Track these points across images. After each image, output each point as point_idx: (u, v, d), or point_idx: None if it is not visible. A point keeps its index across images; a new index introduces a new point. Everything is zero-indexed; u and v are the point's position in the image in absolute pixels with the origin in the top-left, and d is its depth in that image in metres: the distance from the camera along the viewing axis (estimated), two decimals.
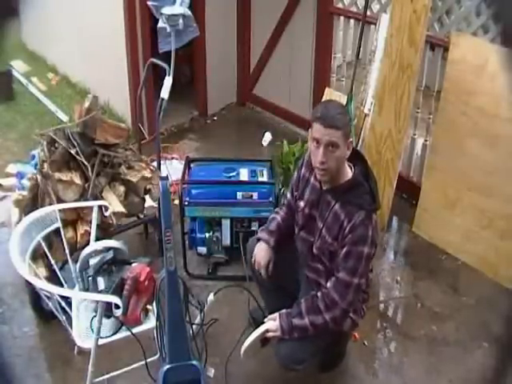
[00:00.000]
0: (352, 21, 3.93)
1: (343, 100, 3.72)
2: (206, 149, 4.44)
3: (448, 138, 3.29)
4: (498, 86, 2.85)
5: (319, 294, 2.20)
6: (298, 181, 2.40)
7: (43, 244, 2.38)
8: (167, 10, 2.72)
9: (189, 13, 2.75)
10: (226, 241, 3.11)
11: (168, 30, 2.74)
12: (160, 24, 2.84)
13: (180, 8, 2.71)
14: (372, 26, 3.68)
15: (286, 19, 4.44)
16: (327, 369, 2.61)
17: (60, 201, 2.75)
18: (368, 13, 3.55)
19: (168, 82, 2.58)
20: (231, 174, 3.10)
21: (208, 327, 2.51)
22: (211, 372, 2.51)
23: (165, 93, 2.74)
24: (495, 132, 3.02)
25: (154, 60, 3.06)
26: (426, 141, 3.61)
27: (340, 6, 4.11)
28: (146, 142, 4.11)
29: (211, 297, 2.55)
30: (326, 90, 3.98)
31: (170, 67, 2.77)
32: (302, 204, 2.34)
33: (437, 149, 3.38)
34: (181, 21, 2.69)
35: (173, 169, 3.86)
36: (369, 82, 3.64)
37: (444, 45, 3.32)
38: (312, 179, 2.31)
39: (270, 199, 3.00)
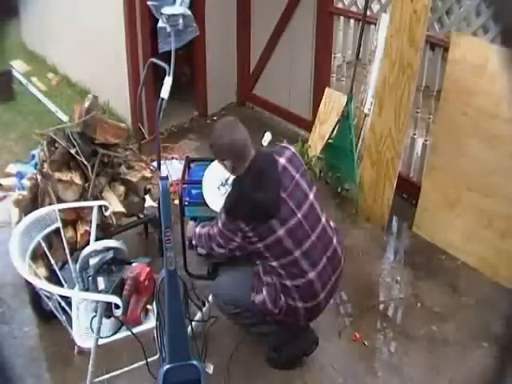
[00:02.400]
0: (352, 21, 3.92)
1: (343, 100, 3.73)
2: (206, 149, 4.39)
3: (448, 138, 3.29)
4: (497, 86, 2.85)
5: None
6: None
7: (43, 244, 2.38)
8: (167, 10, 2.72)
9: (189, 13, 2.75)
10: None
11: (168, 29, 2.74)
12: (160, 24, 2.84)
13: (180, 8, 2.71)
14: (372, 26, 3.68)
15: (286, 19, 4.44)
16: (284, 363, 2.62)
17: (60, 201, 2.75)
18: (368, 13, 3.55)
19: (168, 81, 2.57)
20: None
21: (209, 326, 2.52)
22: (210, 368, 2.51)
23: (165, 93, 2.74)
24: (495, 132, 3.02)
25: (155, 60, 3.05)
26: (426, 141, 3.61)
27: (340, 6, 4.11)
28: (145, 142, 4.11)
29: (211, 298, 2.55)
30: (326, 89, 3.99)
31: (169, 67, 2.77)
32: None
33: (437, 149, 3.38)
34: (181, 21, 2.69)
35: (173, 169, 3.86)
36: (369, 82, 3.65)
37: (444, 45, 3.32)
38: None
39: None
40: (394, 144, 3.39)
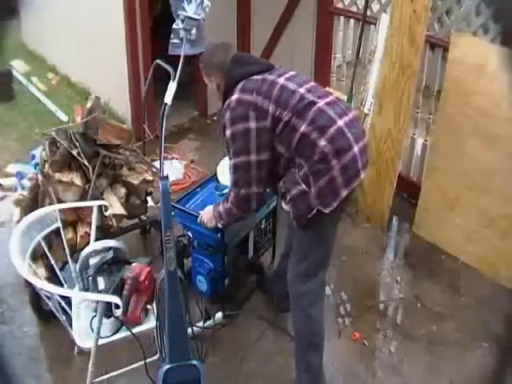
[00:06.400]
0: (352, 21, 3.93)
1: (343, 100, 3.72)
2: (206, 149, 4.44)
3: (448, 138, 3.29)
4: (497, 86, 2.85)
5: None
6: None
7: (43, 244, 2.38)
8: (184, 12, 2.66)
9: (203, 23, 2.72)
10: (251, 252, 2.93)
11: (181, 33, 2.69)
12: (175, 26, 2.79)
13: (199, 14, 2.67)
14: (372, 26, 3.68)
15: (286, 19, 4.45)
16: None
17: (60, 202, 2.74)
18: (368, 13, 3.55)
19: (172, 87, 2.53)
20: (224, 192, 2.75)
21: (214, 332, 2.51)
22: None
23: (168, 98, 2.70)
24: (495, 132, 3.02)
25: (160, 62, 3.03)
26: (426, 141, 3.61)
27: (340, 5, 4.12)
28: (147, 141, 4.10)
29: (219, 315, 2.53)
30: (326, 89, 3.98)
31: (175, 72, 2.73)
32: None
33: (437, 149, 3.38)
34: (194, 31, 2.66)
35: (173, 169, 3.86)
36: (369, 81, 3.64)
37: (444, 45, 3.32)
38: None
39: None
40: (394, 144, 3.39)
